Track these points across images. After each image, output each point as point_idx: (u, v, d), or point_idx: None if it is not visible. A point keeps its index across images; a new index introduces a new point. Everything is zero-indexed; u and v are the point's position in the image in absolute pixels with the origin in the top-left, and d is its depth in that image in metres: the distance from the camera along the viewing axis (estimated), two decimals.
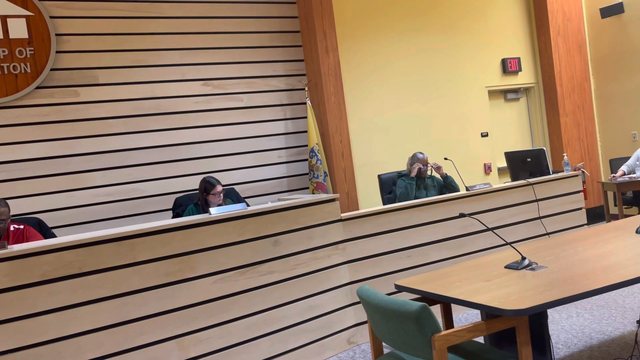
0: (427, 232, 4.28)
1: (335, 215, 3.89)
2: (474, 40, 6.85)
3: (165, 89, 5.16)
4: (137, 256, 3.08)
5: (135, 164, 5.00)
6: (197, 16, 5.33)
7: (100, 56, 4.91)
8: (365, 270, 4.01)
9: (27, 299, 2.78)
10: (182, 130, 5.22)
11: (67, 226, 4.69)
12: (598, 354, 3.28)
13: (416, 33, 6.47)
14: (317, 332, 3.73)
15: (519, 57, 7.16)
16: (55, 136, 4.71)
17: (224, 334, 3.34)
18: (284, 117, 5.73)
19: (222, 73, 5.43)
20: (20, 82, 4.56)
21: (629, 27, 6.93)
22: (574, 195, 5.05)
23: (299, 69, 5.83)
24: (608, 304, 4.08)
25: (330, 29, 5.66)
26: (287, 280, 3.61)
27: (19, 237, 3.53)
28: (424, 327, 2.07)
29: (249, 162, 5.52)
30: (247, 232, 3.47)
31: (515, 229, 4.71)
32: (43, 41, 4.65)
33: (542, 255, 2.87)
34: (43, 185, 4.64)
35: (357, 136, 6.05)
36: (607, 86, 7.31)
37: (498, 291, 2.32)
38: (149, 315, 3.10)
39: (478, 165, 6.82)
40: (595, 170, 7.34)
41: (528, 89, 7.42)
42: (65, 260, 2.88)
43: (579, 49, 7.28)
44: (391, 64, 6.31)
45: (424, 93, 6.49)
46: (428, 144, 6.40)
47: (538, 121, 7.40)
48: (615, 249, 2.78)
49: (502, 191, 4.67)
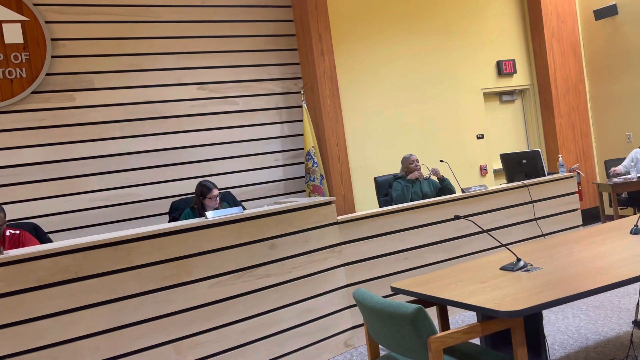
0: (423, 235, 4.29)
1: (332, 218, 3.90)
2: (469, 42, 6.87)
3: (161, 93, 5.16)
4: (133, 260, 3.09)
5: (131, 168, 5.00)
6: (192, 20, 5.34)
7: (95, 61, 4.91)
8: (362, 272, 4.02)
9: (24, 304, 2.78)
10: (178, 134, 5.22)
11: (63, 231, 4.68)
12: (594, 354, 3.30)
13: (411, 35, 6.50)
14: (314, 335, 3.74)
15: (514, 59, 7.19)
16: (51, 141, 4.71)
17: (221, 338, 3.34)
18: (280, 121, 5.74)
19: (218, 77, 5.44)
20: (15, 87, 4.56)
21: (623, 29, 6.97)
22: (569, 197, 5.07)
23: (294, 72, 5.84)
24: (604, 305, 4.10)
25: (325, 32, 5.67)
26: (284, 284, 3.62)
27: (15, 243, 3.53)
28: (420, 329, 2.08)
29: (245, 165, 5.53)
30: (243, 236, 3.47)
31: (511, 231, 4.72)
32: (38, 46, 4.66)
33: (537, 256, 2.89)
34: (39, 190, 4.64)
35: (353, 139, 6.07)
36: (602, 87, 7.34)
37: (493, 293, 2.33)
38: (146, 320, 3.10)
39: (474, 167, 6.83)
40: (590, 172, 7.37)
41: (523, 91, 7.45)
42: (61, 265, 2.88)
43: (573, 50, 7.32)
44: (387, 67, 6.33)
45: (419, 96, 6.51)
46: (424, 146, 6.42)
47: (533, 123, 7.42)
48: (610, 250, 2.79)
49: (497, 193, 4.69)
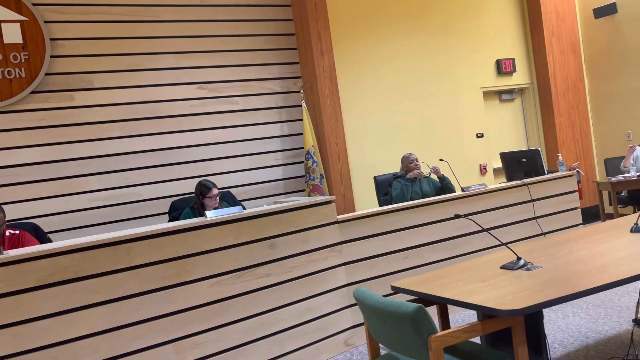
0: (423, 234, 4.29)
1: (332, 217, 3.89)
2: (468, 41, 6.87)
3: (160, 93, 5.16)
4: (133, 260, 3.08)
5: (130, 167, 4.99)
6: (191, 20, 5.34)
7: (95, 60, 4.91)
8: (362, 272, 4.01)
9: (24, 305, 2.77)
10: (177, 134, 5.22)
11: (63, 231, 4.68)
12: (594, 353, 3.29)
13: (411, 34, 6.49)
14: (314, 335, 3.73)
15: (513, 58, 7.19)
16: (50, 141, 4.70)
17: (221, 338, 3.34)
18: (279, 120, 5.73)
19: (217, 76, 5.43)
20: (15, 87, 4.55)
21: (622, 27, 6.96)
22: (569, 195, 5.07)
23: (294, 71, 5.83)
24: (604, 303, 4.10)
25: (325, 32, 5.67)
26: (284, 283, 3.62)
27: (15, 243, 3.52)
28: (420, 328, 2.07)
29: (244, 165, 5.52)
30: (243, 235, 3.47)
31: (511, 230, 4.72)
32: (37, 46, 4.65)
33: (537, 255, 2.88)
34: (38, 190, 4.63)
35: (352, 138, 6.06)
36: (601, 86, 7.34)
37: (494, 292, 2.33)
38: (146, 320, 3.10)
39: (473, 166, 6.83)
40: (590, 170, 7.37)
41: (522, 90, 7.44)
42: (61, 265, 2.88)
43: (572, 49, 7.31)
44: (386, 66, 6.33)
45: (419, 95, 6.51)
46: (423, 145, 6.42)
47: (533, 121, 7.42)
48: (610, 248, 2.79)
49: (497, 192, 4.68)
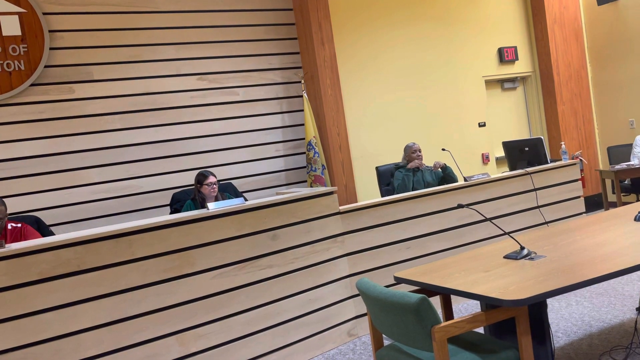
0: (425, 224, 4.28)
1: (334, 208, 3.88)
2: (470, 29, 6.82)
3: (160, 84, 5.13)
4: (135, 253, 3.08)
5: (131, 160, 4.98)
6: (191, 10, 5.29)
7: (94, 52, 4.88)
8: (365, 262, 4.01)
9: (26, 298, 2.77)
10: (178, 126, 5.20)
11: (64, 224, 4.68)
12: (598, 341, 3.29)
13: (412, 23, 6.44)
14: (317, 325, 3.74)
15: (516, 46, 7.13)
16: (50, 133, 4.69)
17: (224, 329, 3.34)
18: (280, 111, 5.71)
19: (217, 67, 5.40)
20: (14, 79, 4.53)
21: (625, 15, 6.90)
22: (572, 184, 5.05)
23: (294, 61, 5.80)
24: (607, 292, 4.09)
25: (325, 21, 5.62)
26: (286, 274, 3.61)
27: (17, 236, 3.52)
28: (424, 319, 2.07)
29: (246, 156, 5.51)
30: (245, 227, 3.46)
31: (514, 219, 4.71)
32: (36, 38, 4.62)
33: (540, 244, 2.87)
34: (40, 183, 4.62)
35: (354, 128, 6.04)
36: (604, 74, 7.29)
37: (497, 281, 2.32)
38: (149, 312, 3.10)
39: (476, 155, 6.81)
40: (593, 158, 7.34)
41: (525, 78, 7.40)
42: (63, 258, 2.87)
43: (575, 36, 7.26)
44: (387, 55, 6.29)
45: (420, 84, 6.47)
46: (425, 135, 6.39)
47: (535, 110, 7.38)
48: (613, 237, 2.78)
49: (500, 181, 4.67)
